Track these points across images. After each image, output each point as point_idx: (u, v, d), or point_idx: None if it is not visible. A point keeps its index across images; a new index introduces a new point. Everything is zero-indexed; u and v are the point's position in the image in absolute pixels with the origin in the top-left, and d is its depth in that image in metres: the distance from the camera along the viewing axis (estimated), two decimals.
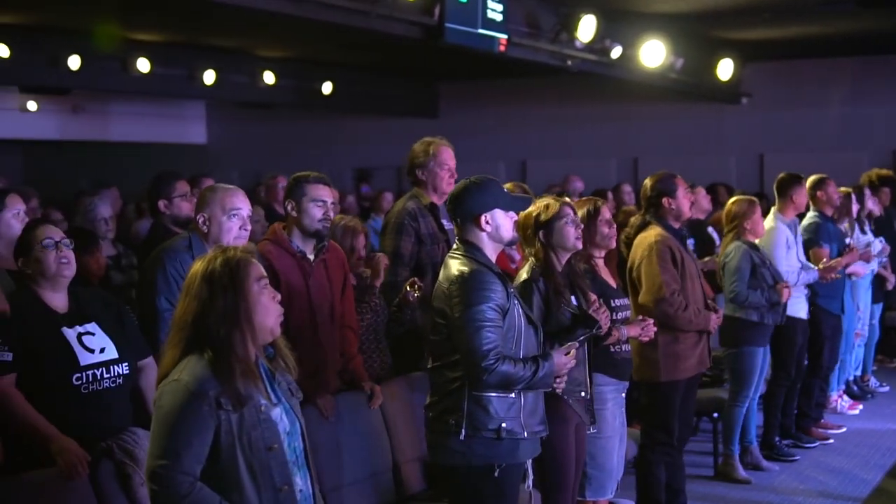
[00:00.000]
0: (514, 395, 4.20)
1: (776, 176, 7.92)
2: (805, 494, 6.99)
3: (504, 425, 4.17)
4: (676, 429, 6.03)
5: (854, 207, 8.86)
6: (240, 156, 18.58)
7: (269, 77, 14.68)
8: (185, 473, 3.09)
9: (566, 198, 4.98)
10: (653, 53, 11.85)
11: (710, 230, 9.42)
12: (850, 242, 8.34)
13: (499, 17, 9.39)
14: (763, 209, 7.47)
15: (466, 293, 4.12)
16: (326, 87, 15.60)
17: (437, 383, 4.30)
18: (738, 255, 7.01)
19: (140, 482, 3.96)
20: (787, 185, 7.71)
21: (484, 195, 4.27)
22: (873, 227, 9.48)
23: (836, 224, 8.44)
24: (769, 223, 7.49)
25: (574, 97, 16.21)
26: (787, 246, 7.49)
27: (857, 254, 8.09)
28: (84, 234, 5.87)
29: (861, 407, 9.12)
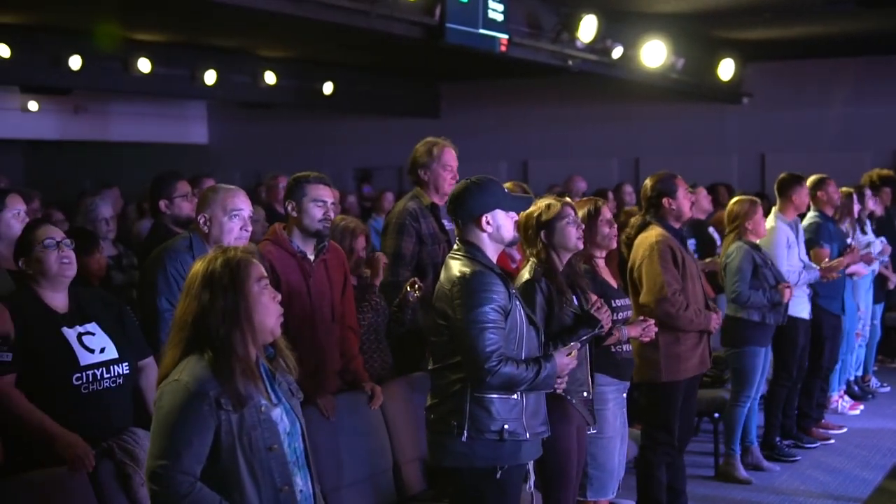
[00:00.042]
0: (516, 397, 4.19)
1: (777, 176, 7.92)
2: (806, 495, 6.98)
3: (506, 427, 4.16)
4: (677, 429, 6.03)
5: (855, 207, 8.85)
6: (241, 156, 18.59)
7: (270, 77, 14.69)
8: (186, 473, 3.10)
9: (566, 198, 4.98)
10: (654, 53, 11.85)
11: (710, 230, 9.41)
12: (851, 243, 8.33)
13: (500, 18, 9.39)
14: (764, 209, 7.46)
15: (468, 295, 4.10)
16: (327, 88, 15.60)
17: (438, 385, 4.28)
18: (740, 256, 7.00)
19: (140, 482, 3.97)
20: (787, 185, 7.71)
21: (485, 196, 4.25)
22: (874, 227, 9.48)
23: (836, 224, 8.44)
24: (770, 223, 7.48)
25: (575, 97, 16.22)
26: (787, 245, 7.48)
27: (857, 254, 8.08)
28: (84, 235, 5.87)
29: (862, 407, 9.11)
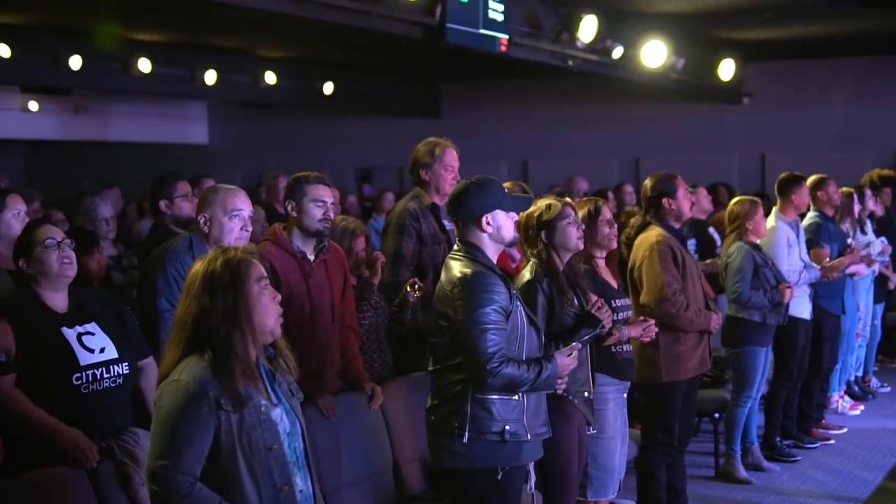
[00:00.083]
0: (517, 398, 4.18)
1: (777, 176, 7.91)
2: (806, 495, 6.98)
3: (507, 428, 4.15)
4: (677, 429, 6.03)
5: (856, 208, 8.85)
6: (241, 156, 18.59)
7: (270, 77, 14.68)
8: (185, 474, 3.10)
9: (566, 198, 4.97)
10: (654, 53, 11.85)
11: (711, 230, 9.40)
12: (851, 243, 8.32)
13: (500, 18, 9.39)
14: (765, 209, 7.45)
15: (469, 296, 4.09)
16: (328, 88, 15.60)
17: (438, 386, 4.27)
18: (741, 256, 6.99)
19: (140, 482, 3.97)
20: (788, 185, 7.70)
21: (485, 196, 4.24)
22: (875, 228, 9.48)
23: (836, 224, 8.43)
24: (770, 223, 7.47)
25: (575, 97, 16.22)
26: (788, 245, 7.47)
27: (858, 254, 8.08)
28: (84, 235, 5.87)
29: (862, 407, 9.10)
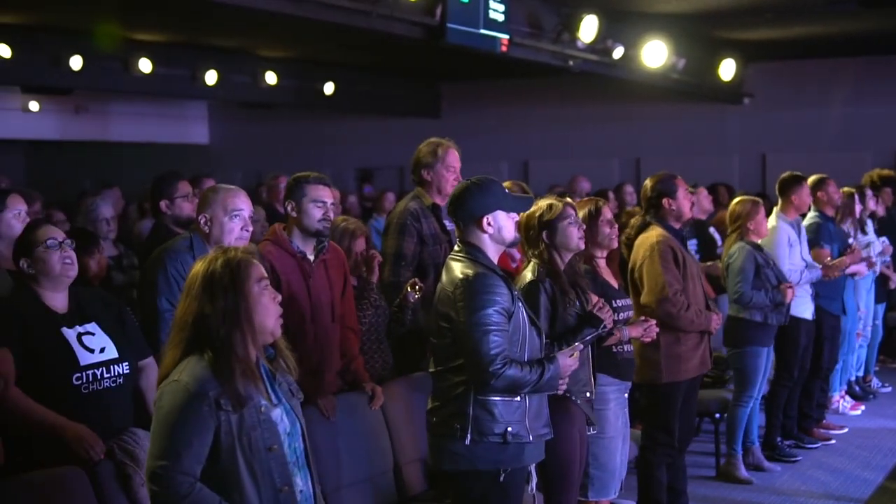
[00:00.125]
0: (518, 399, 4.17)
1: (778, 176, 7.91)
2: (807, 495, 6.97)
3: (510, 429, 4.14)
4: (677, 430, 6.02)
5: (857, 208, 8.84)
6: (242, 156, 18.59)
7: (270, 77, 14.68)
8: (185, 474, 3.09)
9: (567, 198, 4.97)
10: (655, 54, 11.85)
11: (711, 230, 9.40)
12: (852, 243, 8.32)
13: (500, 18, 9.39)
14: (766, 209, 7.45)
15: (471, 297, 4.07)
16: (328, 88, 15.60)
17: (440, 387, 4.25)
18: (742, 256, 6.99)
19: (140, 483, 3.96)
20: (788, 186, 7.70)
21: (485, 196, 4.23)
22: (877, 228, 9.47)
23: (837, 224, 8.43)
24: (771, 223, 7.46)
25: (576, 97, 16.22)
26: (789, 245, 7.47)
27: (859, 254, 8.07)
28: (84, 235, 5.87)
29: (863, 407, 9.10)
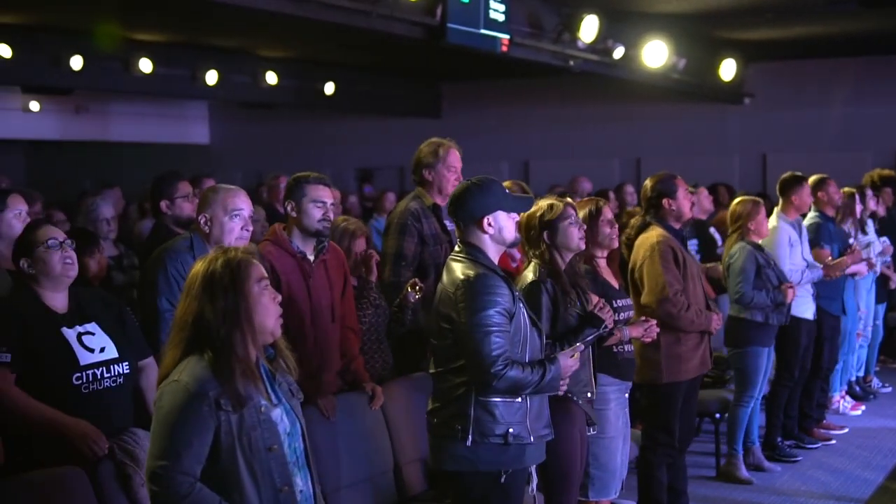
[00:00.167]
0: (519, 400, 4.16)
1: (779, 176, 7.91)
2: (807, 495, 6.97)
3: (511, 430, 4.13)
4: (678, 430, 6.02)
5: (857, 208, 8.84)
6: (242, 156, 18.59)
7: (271, 77, 14.69)
8: (185, 474, 3.09)
9: (567, 198, 4.97)
10: (655, 54, 11.85)
11: (711, 230, 9.40)
12: (853, 243, 8.31)
13: (501, 18, 9.38)
14: (766, 209, 7.45)
15: (473, 298, 4.06)
16: (328, 88, 15.60)
17: (441, 389, 4.24)
18: (743, 256, 6.99)
19: (140, 483, 3.96)
20: (789, 186, 7.69)
21: (486, 197, 4.21)
22: (877, 228, 9.47)
23: (837, 225, 8.42)
24: (772, 223, 7.46)
25: (576, 97, 16.22)
26: (790, 244, 7.47)
27: (859, 254, 8.06)
28: (84, 235, 5.87)
29: (863, 407, 9.10)
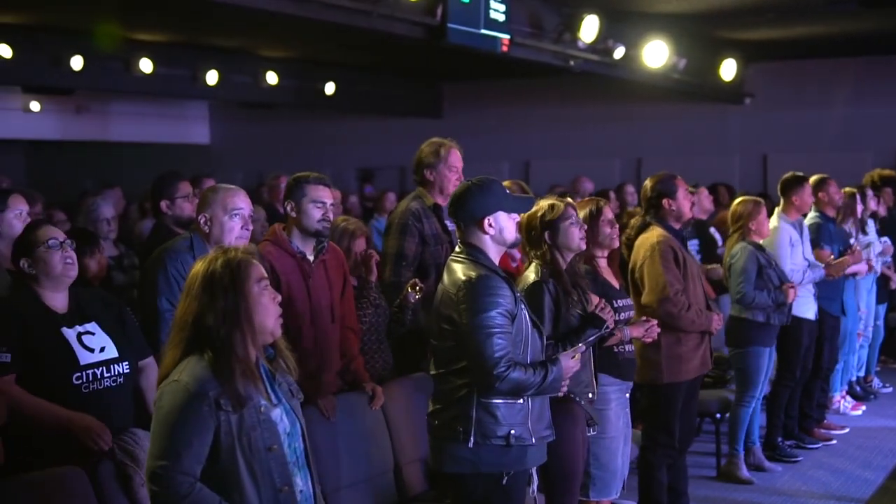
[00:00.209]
0: (521, 401, 4.16)
1: (780, 176, 7.90)
2: (808, 495, 6.97)
3: (513, 432, 4.12)
4: (678, 430, 6.02)
5: (858, 208, 8.83)
6: (243, 156, 18.59)
7: (271, 77, 14.69)
8: (185, 474, 3.09)
9: (568, 198, 4.96)
10: (656, 54, 11.84)
11: (712, 230, 9.39)
12: (853, 244, 8.31)
13: (501, 18, 9.38)
14: (767, 209, 7.44)
15: (474, 299, 4.05)
16: (329, 88, 15.60)
17: (442, 390, 4.23)
18: (745, 256, 6.98)
19: (141, 483, 3.96)
20: (790, 186, 7.69)
21: (487, 197, 4.21)
22: (878, 228, 9.46)
23: (837, 225, 8.42)
24: (773, 223, 7.46)
25: (577, 97, 16.21)
26: (791, 244, 7.46)
27: (859, 255, 8.06)
28: (84, 235, 5.86)
29: (864, 408, 9.10)
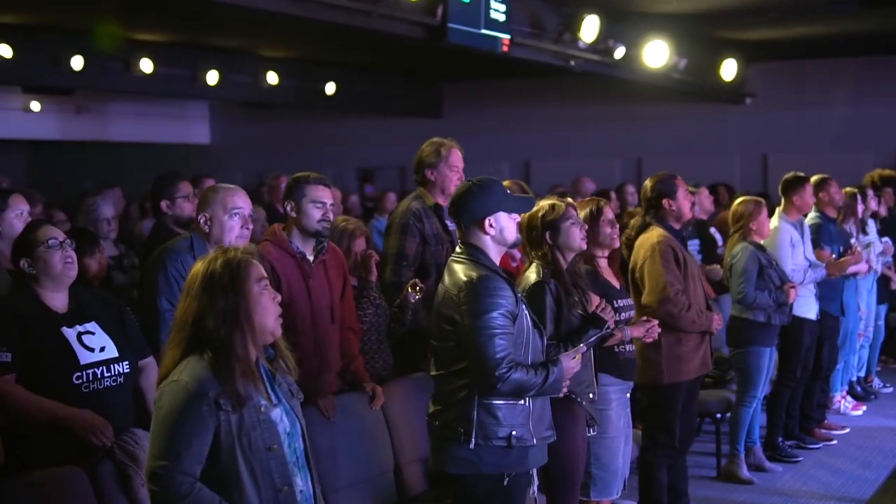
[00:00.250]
0: (522, 402, 4.15)
1: (780, 176, 7.90)
2: (808, 495, 6.97)
3: (514, 433, 4.11)
4: (678, 431, 6.01)
5: (859, 208, 8.83)
6: (243, 156, 18.59)
7: (272, 77, 14.69)
8: (185, 474, 3.09)
9: (568, 198, 4.96)
10: (656, 53, 11.84)
11: (712, 230, 9.39)
12: (854, 244, 8.30)
13: (502, 18, 9.38)
14: (767, 209, 7.44)
15: (476, 300, 4.04)
16: (329, 88, 15.61)
17: (442, 391, 4.22)
18: (746, 256, 6.98)
19: (141, 483, 3.95)
20: (791, 186, 7.69)
21: (487, 198, 4.20)
22: (879, 228, 9.46)
23: (838, 225, 8.41)
24: (773, 223, 7.46)
25: (577, 97, 16.21)
26: (791, 245, 7.46)
27: (860, 255, 8.06)
28: (84, 235, 5.86)
29: (864, 408, 9.09)
